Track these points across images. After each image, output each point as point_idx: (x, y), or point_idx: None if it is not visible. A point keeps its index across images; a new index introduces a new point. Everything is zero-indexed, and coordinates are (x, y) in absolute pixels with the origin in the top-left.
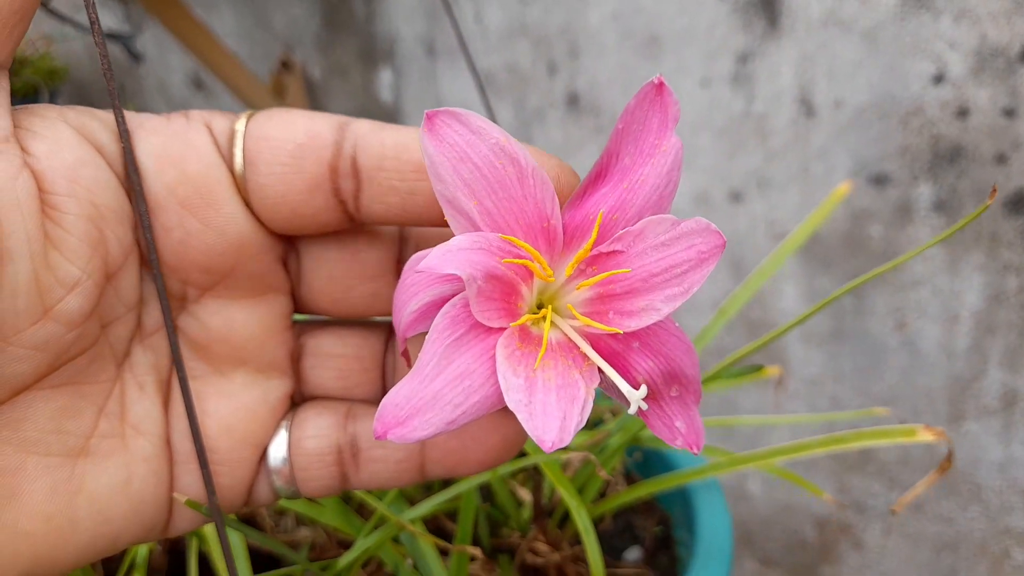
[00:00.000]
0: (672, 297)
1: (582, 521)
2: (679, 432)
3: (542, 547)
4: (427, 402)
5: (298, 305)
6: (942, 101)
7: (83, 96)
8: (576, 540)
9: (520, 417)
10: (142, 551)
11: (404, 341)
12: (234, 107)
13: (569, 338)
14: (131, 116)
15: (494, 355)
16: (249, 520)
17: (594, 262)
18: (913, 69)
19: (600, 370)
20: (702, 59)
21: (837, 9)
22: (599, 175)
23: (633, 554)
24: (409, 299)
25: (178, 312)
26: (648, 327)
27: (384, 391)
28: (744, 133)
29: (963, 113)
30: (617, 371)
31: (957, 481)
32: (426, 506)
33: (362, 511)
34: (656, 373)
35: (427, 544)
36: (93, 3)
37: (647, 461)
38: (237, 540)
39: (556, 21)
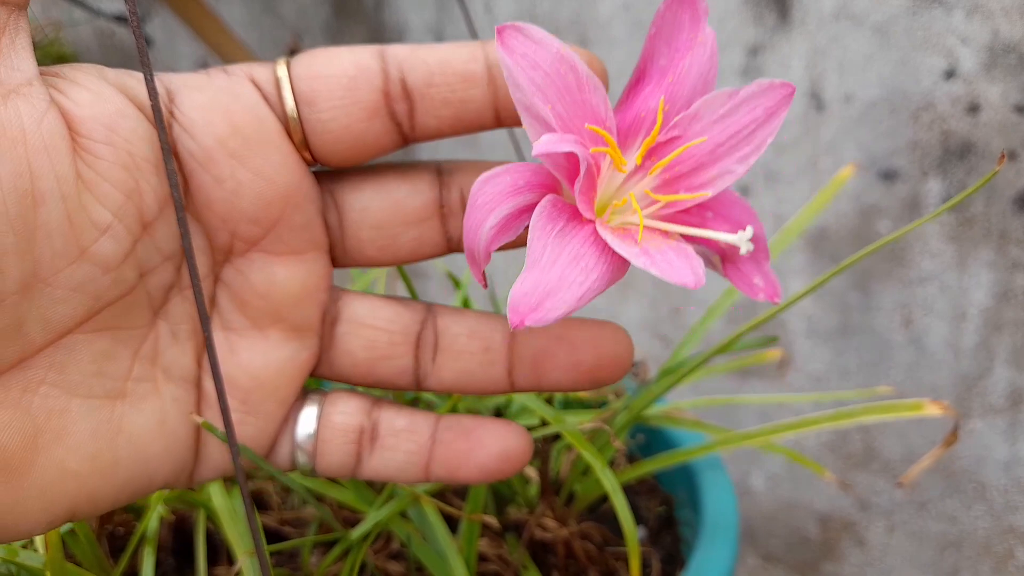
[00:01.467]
0: (746, 156)
1: (608, 481)
2: (759, 287)
3: (550, 523)
4: (554, 285)
5: (347, 258)
6: (953, 96)
7: None
8: (583, 517)
9: (654, 273)
10: (152, 525)
11: (488, 257)
12: None
13: (649, 226)
14: (172, 76)
15: (595, 240)
16: (255, 497)
17: (653, 154)
18: (924, 64)
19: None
20: None
21: (849, 3)
22: (639, 79)
23: (637, 534)
24: (486, 216)
25: (223, 265)
26: (715, 198)
27: (413, 370)
28: None
29: (974, 109)
30: (700, 242)
31: (961, 479)
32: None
33: (373, 484)
34: None
35: (437, 519)
36: None
37: (650, 444)
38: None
39: (566, 12)
